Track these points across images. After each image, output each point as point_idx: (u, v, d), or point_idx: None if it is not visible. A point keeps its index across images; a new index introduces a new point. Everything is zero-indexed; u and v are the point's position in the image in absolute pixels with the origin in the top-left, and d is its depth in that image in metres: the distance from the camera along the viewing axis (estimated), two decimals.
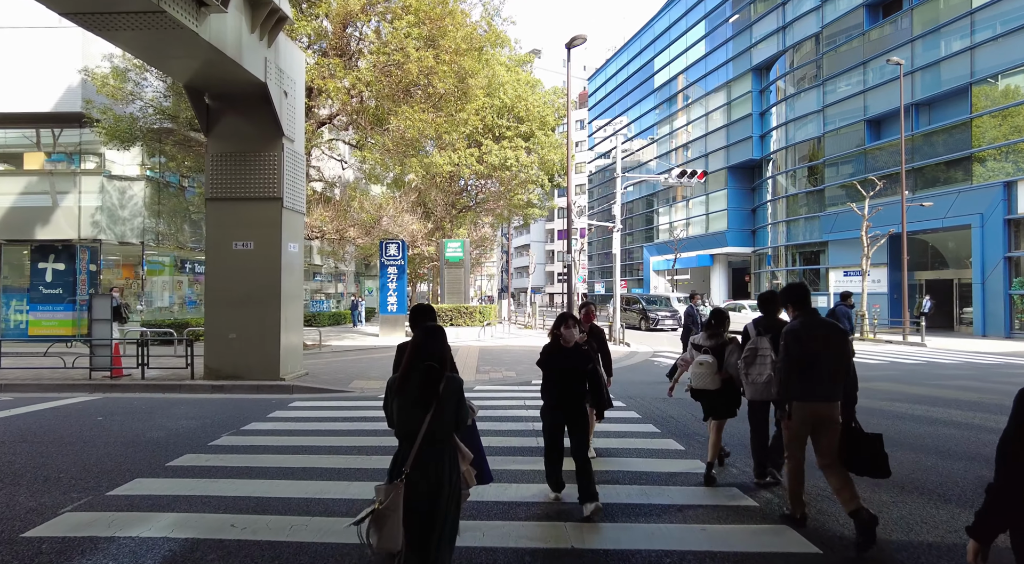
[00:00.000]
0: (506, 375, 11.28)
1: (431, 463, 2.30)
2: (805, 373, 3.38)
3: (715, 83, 36.06)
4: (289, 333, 10.24)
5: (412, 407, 2.32)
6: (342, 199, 16.22)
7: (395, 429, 2.38)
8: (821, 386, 3.37)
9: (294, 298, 10.54)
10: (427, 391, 2.32)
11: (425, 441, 2.29)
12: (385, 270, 19.99)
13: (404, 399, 2.36)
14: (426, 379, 2.33)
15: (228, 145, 10.08)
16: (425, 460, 2.29)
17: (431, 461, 2.30)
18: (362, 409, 8.03)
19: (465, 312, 19.65)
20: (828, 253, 27.02)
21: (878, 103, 24.04)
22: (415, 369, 2.36)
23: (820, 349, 3.38)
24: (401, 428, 2.35)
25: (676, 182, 18.11)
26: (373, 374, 11.16)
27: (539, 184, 24.39)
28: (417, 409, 2.31)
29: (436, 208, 24.26)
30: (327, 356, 14.05)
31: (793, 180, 30.25)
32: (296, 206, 10.59)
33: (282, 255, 10.03)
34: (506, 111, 22.95)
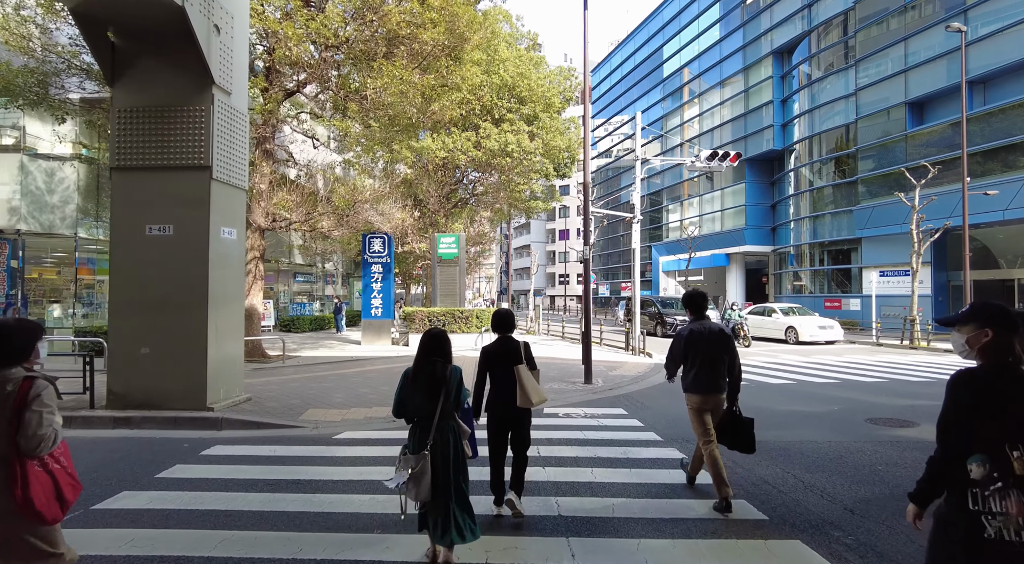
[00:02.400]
0: None
1: (444, 437, 3.11)
2: (700, 371, 4.22)
3: (731, 70, 33.63)
4: (222, 346, 7.72)
5: (427, 394, 3.09)
6: (309, 180, 13.71)
7: (409, 414, 3.16)
8: (714, 381, 4.21)
9: (230, 300, 8.02)
10: (438, 381, 3.10)
11: (439, 422, 3.08)
12: (369, 268, 17.47)
13: (418, 388, 3.11)
14: (436, 372, 3.12)
15: (140, 97, 7.58)
16: (440, 435, 3.09)
17: (443, 435, 3.11)
18: (308, 461, 5.50)
19: (460, 317, 17.13)
20: (861, 251, 24.53)
21: (922, 83, 21.59)
22: (427, 364, 3.14)
23: (706, 349, 4.18)
24: (418, 412, 3.13)
25: (704, 166, 15.66)
26: (337, 399, 8.64)
27: (543, 174, 21.91)
28: (431, 396, 3.08)
29: (429, 200, 21.75)
30: (288, 372, 11.52)
31: (819, 172, 27.77)
32: (234, 179, 8.08)
33: (211, 243, 7.53)
34: (506, 90, 20.47)
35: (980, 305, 2.07)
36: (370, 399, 8.64)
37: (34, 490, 2.06)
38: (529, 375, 3.81)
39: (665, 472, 5.15)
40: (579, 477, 4.98)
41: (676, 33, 39.89)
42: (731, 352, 4.24)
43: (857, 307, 24.42)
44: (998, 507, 1.78)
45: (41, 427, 2.08)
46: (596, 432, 6.75)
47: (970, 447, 1.85)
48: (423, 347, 3.22)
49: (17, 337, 2.21)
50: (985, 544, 1.80)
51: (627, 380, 10.93)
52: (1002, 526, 1.77)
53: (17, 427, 2.06)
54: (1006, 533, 1.77)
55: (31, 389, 2.11)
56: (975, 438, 1.85)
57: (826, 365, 13.28)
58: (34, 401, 2.10)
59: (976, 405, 1.86)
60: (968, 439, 1.87)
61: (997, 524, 1.78)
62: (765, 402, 8.68)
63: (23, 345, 2.22)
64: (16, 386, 2.10)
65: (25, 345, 2.22)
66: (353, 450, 5.93)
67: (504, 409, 3.86)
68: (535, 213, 24.70)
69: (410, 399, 3.13)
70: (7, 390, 2.09)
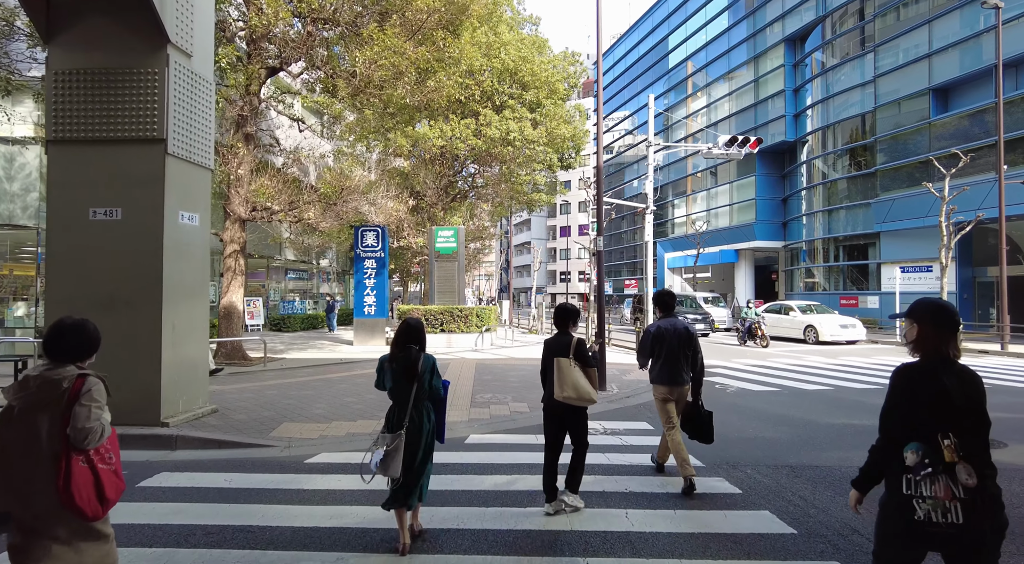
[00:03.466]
0: (515, 410, 7.65)
1: (417, 419, 3.33)
2: (664, 363, 4.53)
3: (740, 59, 32.44)
4: (181, 349, 6.61)
5: (402, 379, 3.31)
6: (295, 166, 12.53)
7: (389, 395, 3.40)
8: (678, 374, 4.50)
9: (191, 295, 6.90)
10: (411, 368, 3.30)
11: (413, 404, 3.30)
12: (361, 263, 16.34)
13: (395, 374, 3.34)
14: (411, 358, 3.32)
15: (81, 57, 6.44)
16: (413, 417, 3.31)
17: (416, 418, 3.33)
18: (268, 497, 4.37)
19: (459, 315, 16.00)
20: (879, 246, 23.41)
21: (948, 68, 20.44)
22: (403, 350, 3.36)
23: (673, 344, 4.47)
24: (395, 396, 3.38)
25: (722, 153, 14.54)
26: (318, 409, 7.52)
27: (547, 164, 20.75)
28: (405, 382, 3.31)
29: (426, 192, 20.60)
30: (268, 376, 10.39)
31: (834, 164, 26.62)
32: (196, 156, 6.94)
33: (167, 229, 6.40)
34: (508, 75, 19.31)
35: (916, 302, 2.18)
36: (355, 410, 7.53)
37: (75, 485, 2.11)
38: (569, 368, 3.75)
39: (720, 515, 4.03)
40: (612, 524, 3.87)
41: (682, 22, 38.70)
42: (695, 348, 4.53)
43: (875, 305, 23.32)
44: (928, 491, 1.87)
45: (88, 421, 2.16)
46: (621, 455, 5.63)
47: (907, 436, 1.95)
48: (400, 335, 3.43)
49: (71, 336, 2.28)
50: (916, 525, 1.89)
51: (644, 386, 9.83)
52: (931, 509, 1.86)
53: (67, 421, 2.13)
54: (934, 515, 1.86)
55: (83, 385, 2.20)
56: (911, 427, 1.95)
57: (858, 368, 12.18)
58: (84, 395, 2.18)
59: (913, 396, 1.98)
60: (905, 428, 1.97)
61: (927, 507, 1.87)
62: (809, 413, 7.57)
63: (77, 344, 2.29)
64: (70, 383, 2.19)
65: (80, 344, 2.29)
66: (327, 481, 4.82)
67: (550, 402, 3.93)
68: (538, 206, 23.55)
69: (387, 383, 3.40)
70: (62, 387, 2.17)
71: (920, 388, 1.97)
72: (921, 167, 21.22)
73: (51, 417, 2.13)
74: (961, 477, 1.84)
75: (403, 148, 18.60)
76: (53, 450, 2.12)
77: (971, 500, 1.83)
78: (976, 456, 1.87)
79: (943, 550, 1.92)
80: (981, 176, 18.24)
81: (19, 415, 2.14)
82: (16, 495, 2.11)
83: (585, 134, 21.53)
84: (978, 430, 1.92)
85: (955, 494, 1.84)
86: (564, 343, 3.89)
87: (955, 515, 1.84)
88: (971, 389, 1.94)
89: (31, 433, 2.12)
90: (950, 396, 1.91)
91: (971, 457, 1.86)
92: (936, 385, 1.94)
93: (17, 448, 2.12)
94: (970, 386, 1.94)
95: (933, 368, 1.99)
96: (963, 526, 1.83)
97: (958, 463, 1.85)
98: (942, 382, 1.93)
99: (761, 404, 8.24)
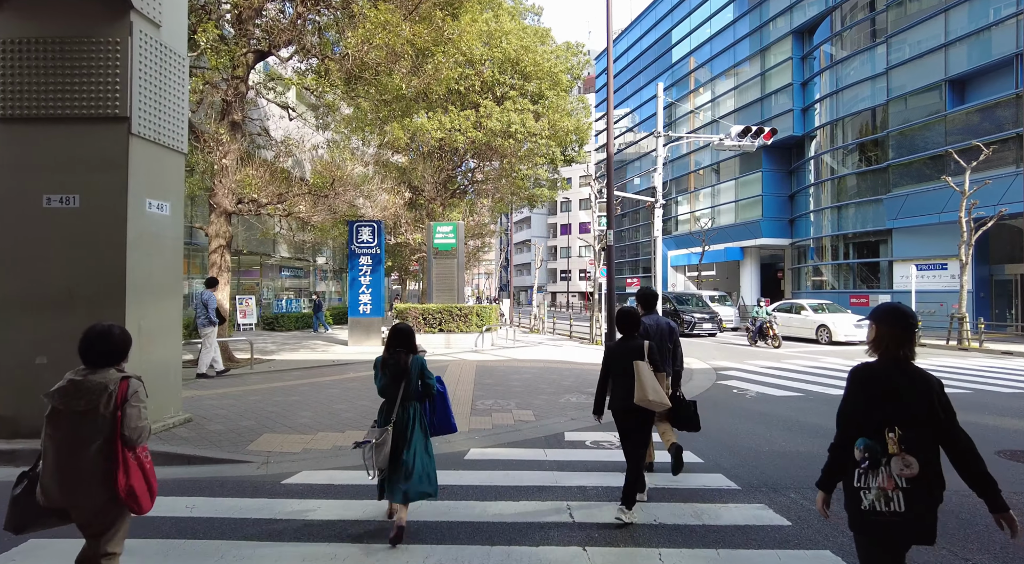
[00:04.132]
0: (519, 418, 6.96)
1: (405, 415, 3.58)
2: None
3: (746, 52, 31.72)
4: (149, 352, 5.93)
5: (391, 380, 3.58)
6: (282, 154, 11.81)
7: (380, 393, 3.66)
8: (660, 367, 4.14)
9: (161, 292, 6.21)
10: (401, 369, 3.57)
11: (400, 402, 3.56)
12: (356, 260, 15.64)
13: (386, 375, 3.60)
14: (400, 361, 3.58)
15: (33, 25, 5.75)
16: (401, 414, 3.56)
17: (405, 414, 3.58)
18: (232, 529, 3.64)
19: (459, 314, 15.32)
20: (892, 243, 22.72)
21: (964, 58, 19.73)
22: (393, 354, 3.61)
23: (656, 339, 4.51)
24: (385, 395, 3.63)
25: (734, 144, 13.84)
26: (303, 418, 6.83)
27: (549, 158, 20.04)
28: (394, 381, 3.57)
29: (424, 187, 19.88)
30: (253, 380, 9.70)
31: (844, 160, 25.93)
32: (166, 138, 6.25)
33: (131, 218, 5.72)
34: (509, 65, 18.60)
35: (876, 306, 2.39)
36: (344, 419, 6.84)
37: (134, 479, 2.30)
38: (649, 372, 3.77)
39: (773, 556, 3.35)
40: None
41: (685, 16, 37.97)
42: (675, 343, 4.79)
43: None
44: (875, 482, 1.98)
45: (140, 420, 2.33)
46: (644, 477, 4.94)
47: (860, 431, 2.05)
48: (390, 339, 3.67)
49: (100, 343, 2.38)
50: (864, 514, 2.01)
51: None
52: (875, 498, 1.98)
53: (120, 421, 2.29)
54: (878, 504, 1.97)
55: (128, 387, 2.34)
56: (864, 423, 2.06)
57: None
58: (132, 397, 2.33)
59: (866, 393, 2.08)
60: (859, 424, 2.07)
61: (872, 497, 1.98)
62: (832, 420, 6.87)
63: (108, 350, 2.39)
64: (116, 385, 2.32)
65: (110, 350, 2.40)
66: (305, 507, 4.14)
67: (623, 406, 3.86)
68: (540, 202, 22.83)
69: (379, 382, 3.64)
70: (109, 390, 2.31)
71: (872, 386, 2.08)
72: (935, 162, 20.55)
73: (100, 418, 2.27)
74: (895, 469, 1.95)
75: (400, 140, 17.88)
76: (106, 449, 2.27)
77: (912, 489, 1.94)
78: (923, 449, 1.97)
79: (899, 539, 2.01)
80: (1000, 170, 17.55)
81: (66, 417, 2.27)
82: (73, 491, 2.27)
83: (589, 127, 20.84)
84: (925, 425, 2.00)
85: (897, 484, 1.95)
86: (636, 347, 3.89)
87: (897, 503, 1.95)
88: (921, 387, 2.03)
89: (80, 433, 2.27)
90: (899, 393, 2.02)
91: (917, 450, 1.96)
92: (887, 383, 2.05)
93: (68, 447, 2.27)
94: (920, 384, 2.03)
95: (885, 367, 2.09)
96: (904, 514, 1.94)
97: (898, 455, 1.96)
98: (892, 380, 2.04)
99: (787, 411, 7.56)
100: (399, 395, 3.55)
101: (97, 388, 2.28)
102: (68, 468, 2.26)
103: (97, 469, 2.26)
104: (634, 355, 3.82)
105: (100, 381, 2.30)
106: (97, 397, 2.26)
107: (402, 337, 3.63)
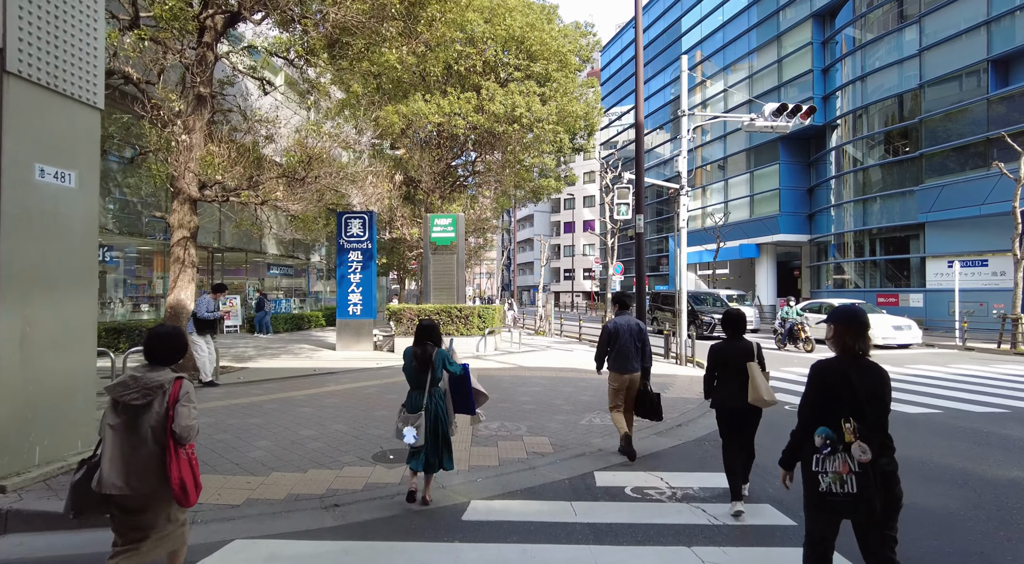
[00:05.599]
0: (533, 448, 5.42)
1: (434, 400, 4.00)
2: (617, 355, 5.24)
3: (761, 39, 30.13)
4: (35, 368, 4.43)
5: (419, 369, 4.01)
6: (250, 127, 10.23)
7: (409, 381, 4.09)
8: (628, 363, 5.20)
9: (59, 287, 4.70)
10: (425, 360, 3.98)
11: (428, 390, 3.98)
12: (345, 256, 14.13)
13: (416, 365, 4.01)
14: (426, 352, 3.99)
15: None
16: (429, 400, 3.97)
17: (433, 399, 4.00)
18: None
19: (458, 316, 13.81)
20: (924, 238, 21.13)
21: (1010, 36, 18.14)
22: (420, 346, 4.01)
23: (626, 338, 5.20)
24: (414, 382, 4.06)
25: (766, 124, 12.29)
26: (258, 450, 5.33)
27: (556, 146, 18.51)
28: (422, 370, 4.00)
29: (422, 178, 18.35)
30: (214, 395, 8.17)
31: (870, 150, 24.34)
32: (67, 86, 4.74)
33: (5, 188, 4.21)
34: (513, 44, 17.06)
35: (833, 308, 2.76)
36: (310, 451, 5.33)
37: (185, 473, 2.48)
38: (760, 373, 3.89)
39: None
40: None
41: (696, 2, 36.38)
42: (644, 341, 5.27)
43: (919, 303, 21.07)
44: (831, 467, 2.24)
45: (190, 418, 2.50)
46: (716, 549, 3.40)
47: (819, 421, 2.32)
48: (417, 334, 4.08)
49: (173, 341, 2.61)
50: (820, 495, 2.27)
51: (694, 407, 7.66)
52: (831, 481, 2.23)
53: (171, 418, 2.45)
54: (834, 486, 2.23)
55: (181, 388, 2.52)
56: (823, 413, 2.32)
57: (945, 380, 9.97)
58: (184, 397, 2.51)
59: (825, 386, 2.34)
60: (818, 414, 2.33)
61: (828, 480, 2.24)
62: (950, 456, 5.33)
63: (172, 348, 2.60)
64: (170, 384, 2.50)
65: (179, 349, 2.63)
66: None
67: (731, 408, 4.00)
68: (546, 194, 21.27)
69: (408, 371, 4.08)
70: (164, 388, 2.49)
71: (830, 379, 2.33)
72: (975, 149, 18.98)
73: (155, 413, 2.47)
74: (856, 454, 2.19)
75: (395, 126, 16.36)
76: (159, 442, 2.47)
77: (864, 473, 2.18)
78: (875, 437, 2.23)
79: (848, 517, 2.29)
80: None
81: (125, 409, 2.48)
82: (129, 476, 2.44)
83: (599, 113, 19.30)
84: (878, 415, 2.26)
85: (851, 468, 2.20)
86: (746, 348, 4.03)
87: (851, 485, 2.20)
88: (873, 380, 2.29)
89: (137, 425, 2.47)
90: (853, 386, 2.26)
91: (870, 438, 2.22)
92: (843, 377, 2.30)
93: (127, 437, 2.47)
94: (873, 377, 2.30)
95: (842, 363, 2.35)
96: (857, 495, 2.19)
97: (854, 442, 2.20)
98: (848, 374, 2.29)
99: None
100: (427, 382, 3.98)
101: (153, 384, 2.47)
102: (126, 456, 2.44)
103: (152, 458, 2.45)
104: (746, 356, 3.97)
105: (156, 379, 2.49)
106: (153, 393, 2.46)
107: (428, 331, 4.05)
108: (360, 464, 5.00)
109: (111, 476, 2.41)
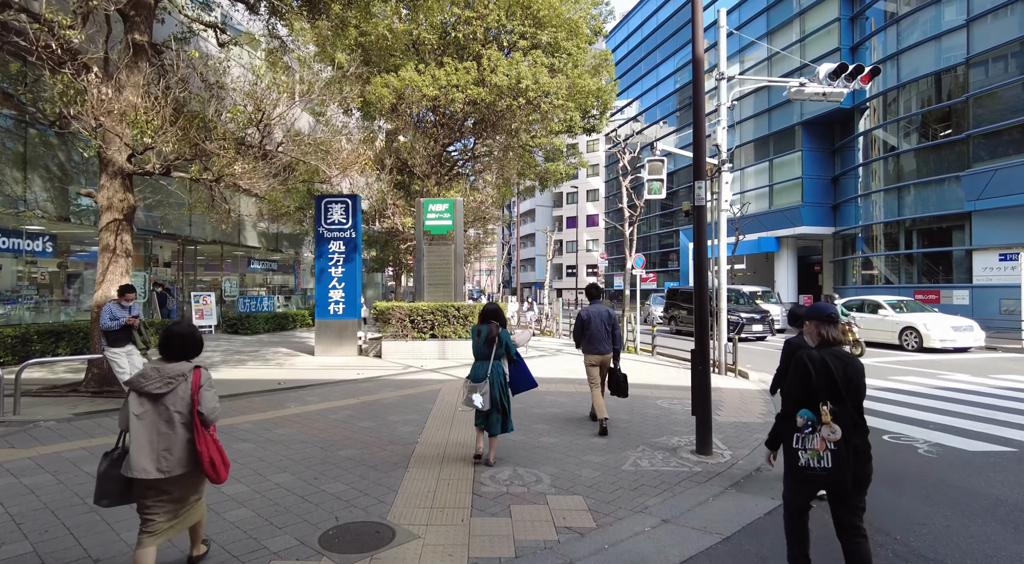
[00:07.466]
0: (562, 518, 3.45)
1: (497, 370, 4.73)
2: (591, 338, 6.03)
3: (782, 18, 28.12)
4: None
5: (485, 343, 4.77)
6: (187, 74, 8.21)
7: (475, 355, 4.84)
8: (600, 345, 6.01)
9: None
10: (491, 335, 4.76)
11: (494, 360, 4.72)
12: (326, 246, 12.21)
13: (481, 339, 4.80)
14: (492, 330, 4.78)
15: None
16: (492, 370, 4.69)
17: (496, 370, 4.73)
18: None
19: (456, 315, 11.90)
20: (970, 229, 19.18)
21: None
22: (486, 323, 4.84)
23: (597, 323, 6.00)
24: (479, 354, 4.80)
25: (817, 91, 10.38)
26: (128, 534, 3.37)
27: (567, 124, 16.57)
28: (487, 344, 4.76)
29: (415, 160, 16.38)
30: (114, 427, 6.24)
31: (906, 133, 22.35)
32: None
33: None
34: (519, 9, 15.09)
35: (808, 306, 3.08)
36: (226, 527, 3.41)
37: (213, 452, 2.72)
38: None
39: None
40: None
41: None
42: (614, 324, 6.04)
43: (964, 301, 19.14)
44: (809, 444, 2.58)
45: (215, 401, 2.80)
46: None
47: (801, 404, 2.65)
48: (482, 315, 4.89)
49: (190, 340, 2.85)
50: (799, 470, 2.63)
51: (758, 432, 5.79)
52: (809, 458, 2.58)
53: (197, 403, 2.70)
54: (812, 461, 2.58)
55: (201, 375, 2.78)
56: (804, 397, 2.65)
57: None
58: (206, 383, 2.77)
59: (805, 373, 2.63)
60: (800, 398, 2.66)
61: (807, 456, 2.59)
62: None
63: (193, 346, 2.85)
64: (191, 372, 2.75)
65: (195, 346, 2.86)
66: None
67: None
68: (554, 181, 19.31)
69: (475, 346, 4.84)
70: (186, 375, 2.74)
71: (812, 367, 2.62)
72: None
73: (180, 398, 2.69)
74: (825, 434, 2.53)
75: (385, 101, 14.41)
76: (186, 426, 2.69)
77: (838, 451, 2.51)
78: (849, 418, 2.55)
79: (824, 489, 2.66)
80: None
81: (150, 398, 2.67)
82: (160, 459, 2.63)
83: (613, 88, 17.31)
84: (853, 398, 2.58)
85: (827, 446, 2.53)
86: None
87: (826, 461, 2.54)
88: (846, 366, 2.61)
89: (161, 412, 2.67)
90: (831, 371, 2.58)
91: (843, 418, 2.55)
92: (823, 364, 2.61)
93: (153, 423, 2.66)
94: (847, 364, 2.61)
95: (820, 353, 2.66)
96: (831, 469, 2.53)
97: (827, 424, 2.54)
98: (826, 363, 2.60)
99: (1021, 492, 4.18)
100: (492, 356, 4.72)
101: (175, 374, 2.71)
102: (154, 442, 2.64)
103: (180, 440, 2.67)
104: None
105: (177, 368, 2.73)
106: (175, 380, 2.69)
107: (493, 313, 4.86)
108: (297, 556, 3.11)
109: (141, 461, 2.59)
